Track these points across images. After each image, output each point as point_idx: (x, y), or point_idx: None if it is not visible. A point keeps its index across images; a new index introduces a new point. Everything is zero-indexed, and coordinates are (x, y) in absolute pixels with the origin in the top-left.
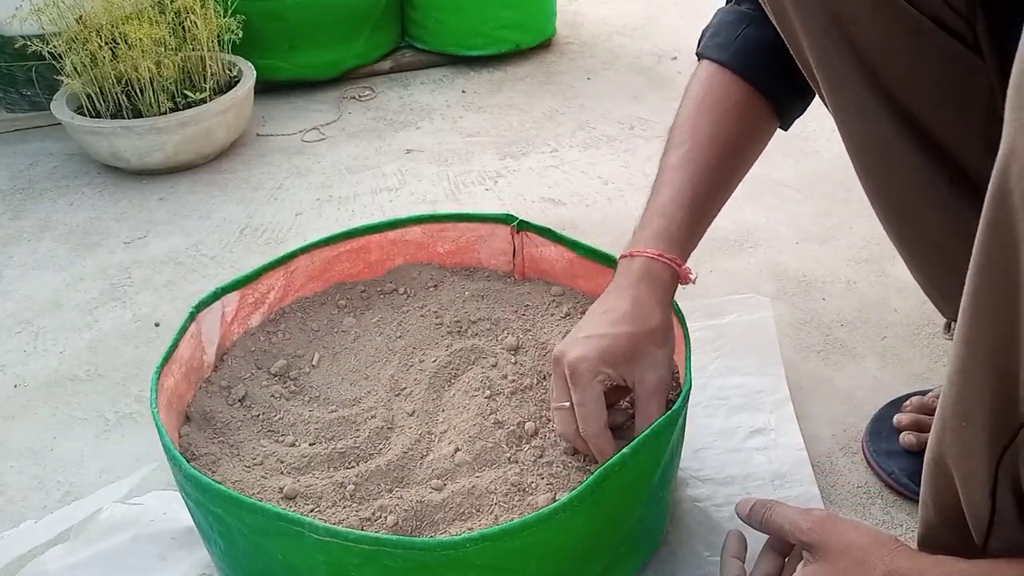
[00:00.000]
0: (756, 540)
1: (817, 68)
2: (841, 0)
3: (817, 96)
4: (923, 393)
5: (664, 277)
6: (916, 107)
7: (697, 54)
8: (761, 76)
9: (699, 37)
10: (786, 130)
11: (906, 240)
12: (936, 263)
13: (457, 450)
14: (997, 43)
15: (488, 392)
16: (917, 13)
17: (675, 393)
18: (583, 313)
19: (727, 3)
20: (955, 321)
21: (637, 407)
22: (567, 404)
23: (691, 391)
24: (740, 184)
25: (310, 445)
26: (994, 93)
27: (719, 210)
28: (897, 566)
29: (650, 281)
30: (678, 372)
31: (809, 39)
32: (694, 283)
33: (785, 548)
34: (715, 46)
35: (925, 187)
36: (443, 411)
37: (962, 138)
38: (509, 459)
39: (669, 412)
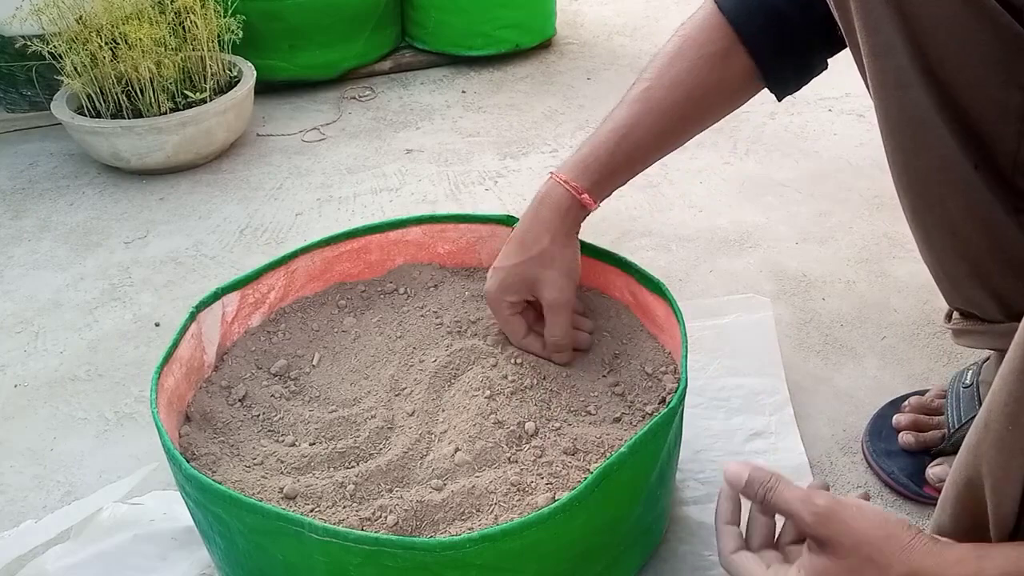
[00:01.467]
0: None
1: (862, 33)
2: None
3: (856, 66)
4: (922, 393)
5: (561, 201)
6: (957, 83)
7: None
8: (753, 35)
9: None
10: (779, 100)
11: (923, 221)
12: (950, 247)
13: (457, 450)
14: None
15: (488, 392)
16: None
17: (672, 391)
18: (582, 313)
19: None
20: (957, 309)
21: (546, 323)
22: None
23: (691, 392)
24: (737, 184)
25: (310, 445)
26: None
27: (663, 151)
28: (916, 566)
29: (548, 205)
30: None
31: (861, 4)
32: (597, 207)
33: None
34: None
35: (951, 169)
36: (443, 411)
37: (997, 121)
38: (509, 459)
39: (666, 410)
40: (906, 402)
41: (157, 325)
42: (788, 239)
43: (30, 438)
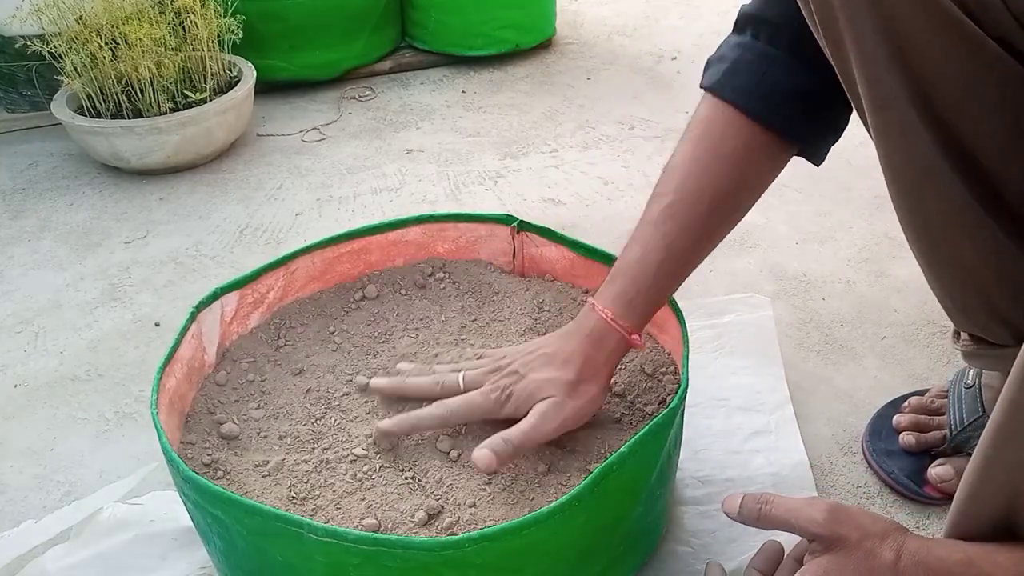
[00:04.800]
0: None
1: (863, 85)
2: (899, 19)
3: (856, 113)
4: (922, 393)
5: (612, 344)
6: (964, 129)
7: (709, 88)
8: (794, 125)
9: (706, 66)
10: (819, 165)
11: (932, 260)
12: (960, 282)
13: (457, 451)
14: None
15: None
16: (982, 34)
17: (673, 391)
18: None
19: (739, 34)
20: (966, 331)
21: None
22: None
23: (691, 391)
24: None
25: (317, 443)
26: None
27: (697, 264)
28: (907, 547)
29: (599, 346)
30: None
31: (859, 55)
32: (643, 347)
33: (771, 566)
34: (737, 88)
35: (958, 210)
36: None
37: (1007, 161)
38: None
39: (666, 410)
40: (906, 402)
41: (157, 325)
42: (788, 239)
43: (30, 438)
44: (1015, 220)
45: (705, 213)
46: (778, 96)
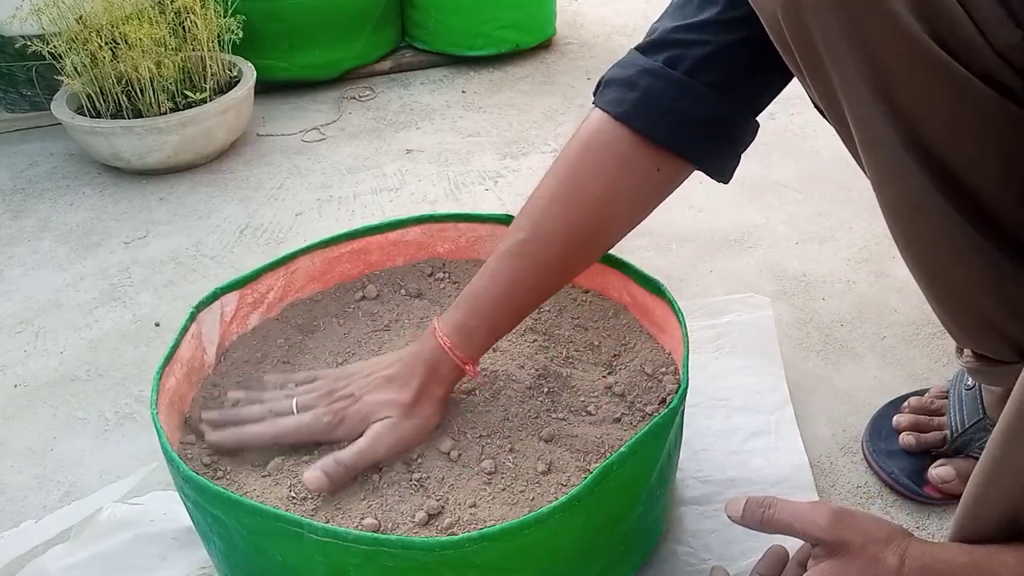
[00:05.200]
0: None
1: (855, 128)
2: (883, 61)
3: (847, 148)
4: (921, 393)
5: (447, 370)
6: (954, 163)
7: (617, 117)
8: (705, 152)
9: (606, 83)
10: (727, 183)
11: (932, 284)
12: (961, 305)
13: (458, 452)
14: None
15: (489, 392)
16: (965, 72)
17: (673, 391)
18: (583, 314)
19: (648, 56)
20: (968, 348)
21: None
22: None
23: (692, 391)
24: (738, 184)
25: (315, 445)
26: None
27: (545, 299)
28: (911, 552)
29: (435, 371)
30: (677, 367)
31: (847, 97)
32: (475, 376)
33: (775, 571)
34: (647, 116)
35: (956, 240)
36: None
37: (998, 189)
38: None
39: (666, 410)
40: (906, 402)
41: (157, 325)
42: (788, 239)
43: (30, 438)
44: (1007, 239)
45: (556, 256)
46: (690, 125)
